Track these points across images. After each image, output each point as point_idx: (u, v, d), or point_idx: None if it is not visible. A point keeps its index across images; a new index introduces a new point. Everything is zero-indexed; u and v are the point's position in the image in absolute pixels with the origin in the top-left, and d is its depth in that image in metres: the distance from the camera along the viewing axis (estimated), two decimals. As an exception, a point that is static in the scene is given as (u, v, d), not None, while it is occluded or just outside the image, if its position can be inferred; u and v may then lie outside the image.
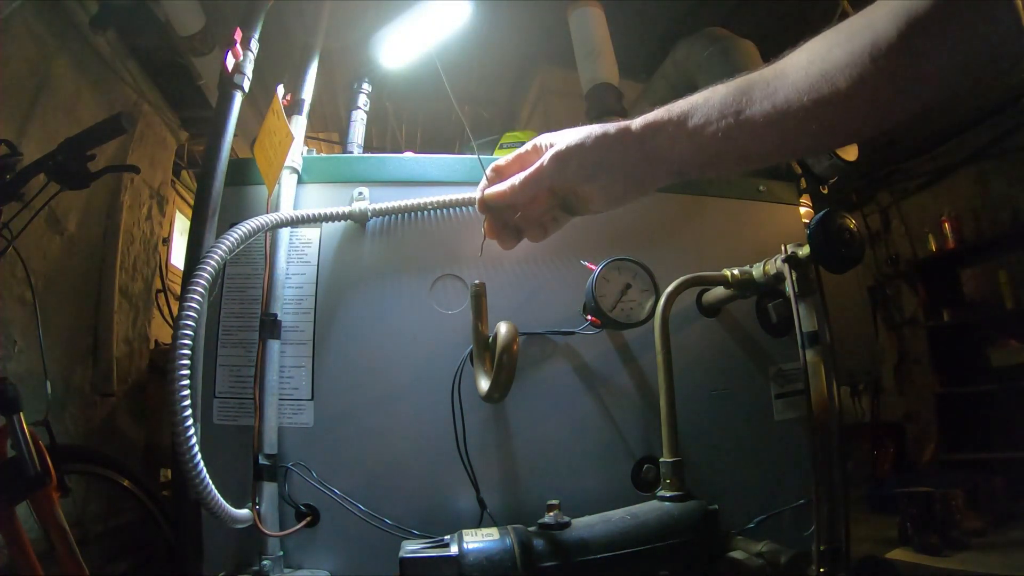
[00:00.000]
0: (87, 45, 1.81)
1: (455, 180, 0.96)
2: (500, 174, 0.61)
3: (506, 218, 0.62)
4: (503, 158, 0.62)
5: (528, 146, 0.60)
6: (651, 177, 0.55)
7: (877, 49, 0.41)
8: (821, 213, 0.68)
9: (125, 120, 1.00)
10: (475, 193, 0.63)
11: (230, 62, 0.92)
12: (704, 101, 0.50)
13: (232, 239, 0.69)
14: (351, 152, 1.22)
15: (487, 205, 0.61)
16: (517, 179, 0.58)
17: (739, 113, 0.47)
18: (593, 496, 0.85)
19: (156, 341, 2.33)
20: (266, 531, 0.77)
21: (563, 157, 0.55)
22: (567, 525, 0.68)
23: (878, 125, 0.45)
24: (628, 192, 0.57)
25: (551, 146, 0.57)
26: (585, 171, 0.55)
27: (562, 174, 0.56)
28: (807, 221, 0.92)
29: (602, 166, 0.54)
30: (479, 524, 0.81)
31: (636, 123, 0.53)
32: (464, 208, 0.93)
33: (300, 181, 0.95)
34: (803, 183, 1.17)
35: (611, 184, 0.56)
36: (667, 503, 0.76)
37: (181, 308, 0.63)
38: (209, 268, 0.65)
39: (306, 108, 1.04)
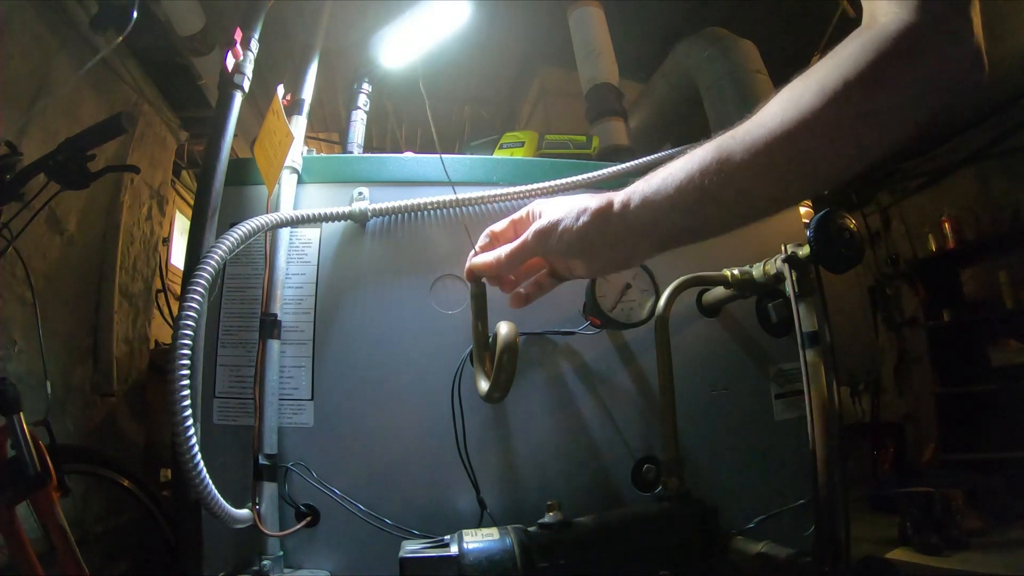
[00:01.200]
0: (87, 45, 1.81)
1: (455, 180, 0.96)
2: (495, 239, 0.63)
3: (494, 283, 0.64)
4: (499, 224, 0.63)
5: (522, 212, 0.61)
6: (635, 251, 0.55)
7: (848, 86, 0.43)
8: (821, 213, 0.68)
9: (125, 120, 1.00)
10: (467, 261, 0.64)
11: (230, 62, 0.92)
12: (682, 165, 0.49)
13: (232, 239, 0.69)
14: (351, 152, 1.22)
15: (474, 274, 0.63)
16: (503, 251, 0.60)
17: (719, 170, 0.47)
18: (593, 496, 0.85)
19: (156, 341, 2.33)
20: (266, 531, 0.77)
21: (545, 232, 0.56)
22: (567, 525, 0.68)
23: (857, 164, 0.46)
24: (612, 265, 0.58)
25: (540, 216, 0.58)
26: (566, 246, 0.56)
27: (544, 248, 0.57)
28: (807, 221, 0.92)
29: (584, 241, 0.55)
30: (479, 524, 0.81)
31: (618, 197, 0.53)
32: (464, 208, 0.93)
33: (300, 181, 0.95)
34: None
35: (593, 258, 0.56)
36: (667, 503, 0.76)
37: (181, 308, 0.63)
38: (209, 268, 0.65)
39: (306, 108, 1.04)
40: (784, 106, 0.45)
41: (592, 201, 0.54)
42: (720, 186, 0.47)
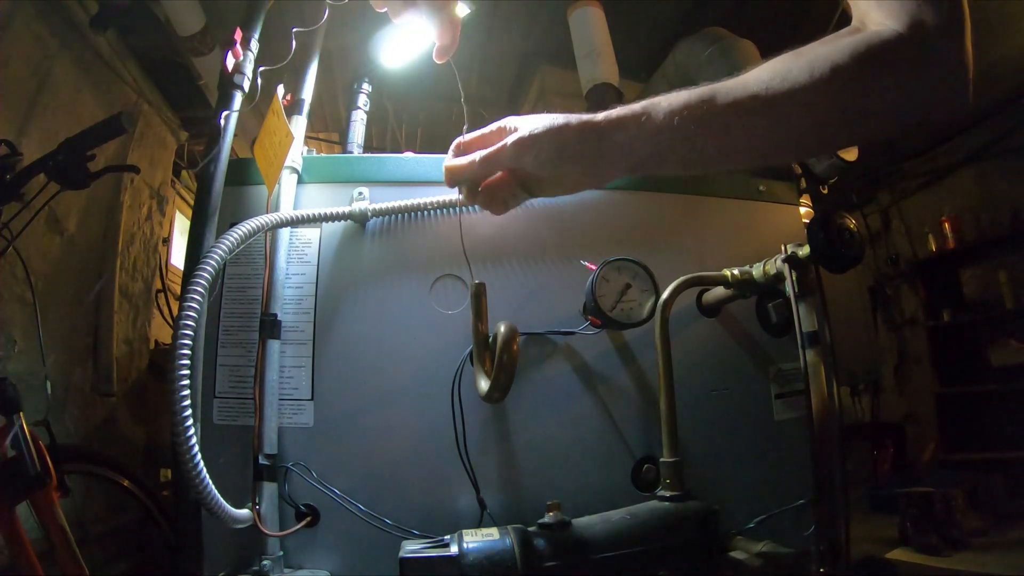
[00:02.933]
0: (87, 45, 1.81)
1: (455, 180, 0.96)
2: (463, 149, 0.64)
3: (470, 189, 0.65)
4: (468, 135, 0.65)
5: (493, 126, 0.63)
6: (608, 170, 0.57)
7: (836, 75, 0.45)
8: (821, 213, 0.68)
9: (125, 120, 1.00)
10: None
11: (230, 62, 0.92)
12: (668, 101, 0.52)
13: (232, 239, 0.69)
14: (351, 152, 1.22)
15: (448, 175, 0.64)
16: (478, 155, 0.61)
17: (701, 113, 0.50)
18: (593, 496, 0.85)
19: (156, 341, 2.33)
20: (266, 531, 0.77)
21: (524, 143, 0.57)
22: (567, 525, 0.68)
23: (823, 148, 0.52)
24: (584, 182, 0.60)
25: (515, 130, 0.59)
26: (543, 159, 0.57)
27: (520, 159, 0.58)
28: (807, 221, 0.92)
29: (561, 156, 0.56)
30: (479, 524, 0.81)
31: (599, 117, 0.55)
32: (464, 208, 0.93)
33: (300, 181, 0.95)
34: (803, 183, 1.17)
35: (568, 174, 0.58)
36: (667, 503, 0.76)
37: (181, 308, 0.63)
38: (209, 268, 0.65)
39: (306, 108, 1.04)
40: (772, 76, 0.48)
41: (572, 118, 0.56)
42: (696, 126, 0.50)
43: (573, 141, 0.55)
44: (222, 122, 0.87)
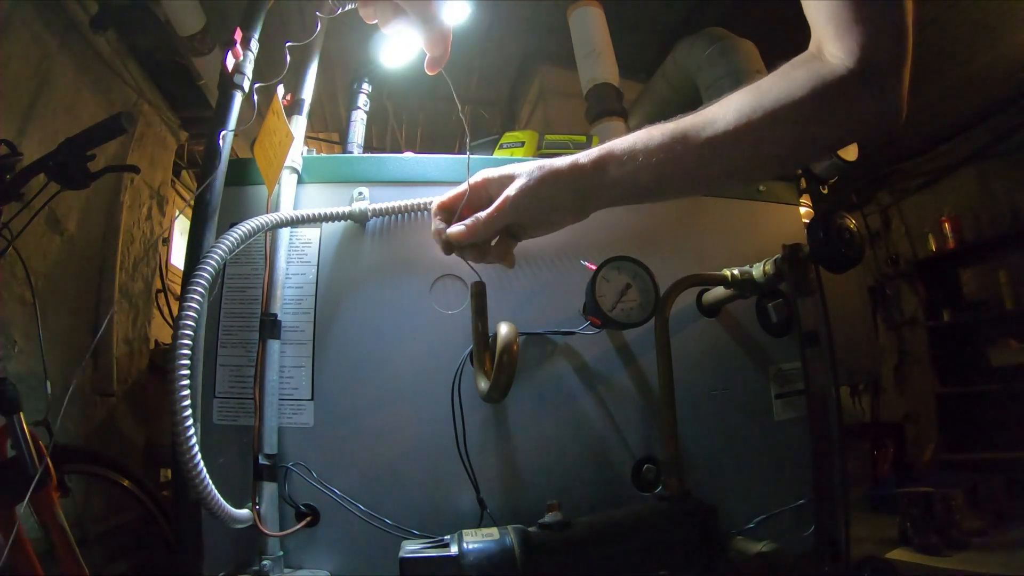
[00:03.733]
0: (87, 45, 1.81)
1: (455, 180, 0.96)
2: (448, 210, 0.66)
3: (479, 250, 0.66)
4: (446, 194, 0.66)
5: (473, 180, 0.65)
6: (594, 206, 0.61)
7: (796, 109, 0.50)
8: (821, 213, 0.68)
9: (125, 120, 1.00)
10: (431, 234, 0.66)
11: (230, 62, 0.92)
12: (645, 141, 0.57)
13: (232, 239, 0.69)
14: (351, 152, 1.22)
15: (451, 245, 0.64)
16: (480, 218, 0.62)
17: (675, 150, 0.55)
18: (593, 496, 0.85)
19: (156, 341, 2.33)
20: (266, 531, 0.77)
21: (523, 194, 0.60)
22: (567, 525, 0.68)
23: (782, 170, 0.58)
24: (569, 221, 0.63)
25: (503, 183, 0.62)
26: (540, 208, 0.61)
27: (518, 214, 0.61)
28: (807, 221, 0.92)
29: (555, 202, 0.60)
30: (479, 524, 0.81)
31: (584, 158, 0.59)
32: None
33: (300, 181, 0.95)
34: (803, 183, 1.17)
35: (559, 218, 0.62)
36: (667, 503, 0.76)
37: (181, 308, 0.63)
38: (209, 268, 0.65)
39: (306, 108, 1.04)
40: (739, 112, 0.53)
41: (558, 164, 0.60)
42: (673, 163, 0.55)
43: (567, 185, 0.59)
44: (220, 142, 0.86)
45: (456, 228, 0.63)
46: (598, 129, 1.68)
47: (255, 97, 0.92)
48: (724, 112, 0.54)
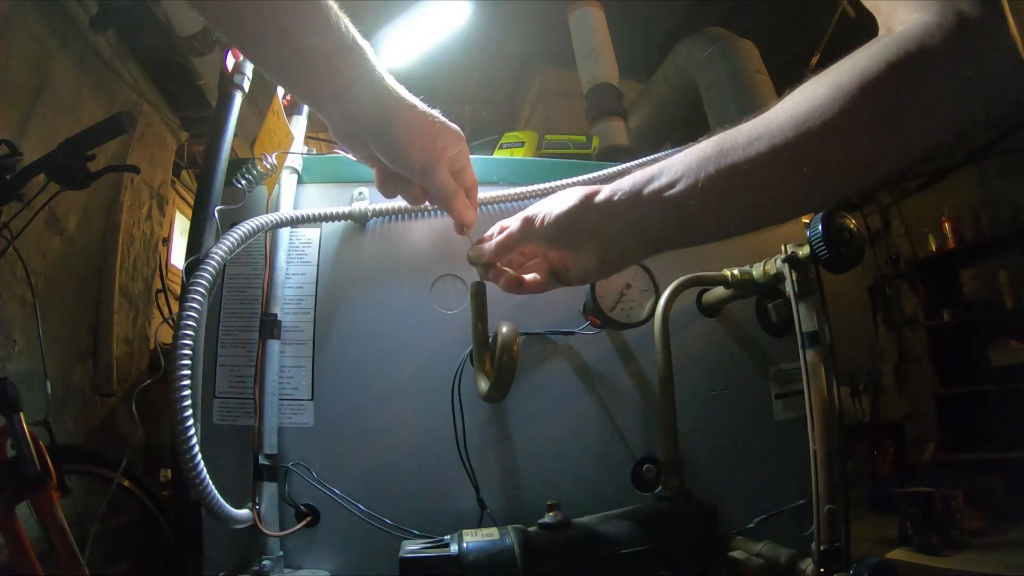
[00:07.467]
0: (87, 45, 1.81)
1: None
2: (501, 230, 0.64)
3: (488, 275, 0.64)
4: (509, 220, 0.63)
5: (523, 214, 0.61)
6: (622, 244, 0.52)
7: (866, 82, 0.40)
8: (821, 213, 0.68)
9: (125, 120, 1.00)
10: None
11: (230, 62, 0.92)
12: (679, 159, 0.47)
13: (232, 239, 0.69)
14: (351, 152, 1.22)
15: (470, 262, 0.64)
16: (494, 241, 0.61)
17: (719, 164, 0.44)
18: (593, 496, 0.85)
19: (156, 341, 2.33)
20: (266, 531, 0.76)
21: (529, 219, 0.57)
22: (567, 525, 0.68)
23: (871, 171, 0.43)
24: (601, 259, 0.54)
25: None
26: (547, 232, 0.55)
27: (527, 235, 0.57)
28: (807, 221, 0.91)
29: (561, 226, 0.53)
30: (479, 524, 0.81)
31: (609, 186, 0.52)
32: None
33: (300, 181, 0.95)
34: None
35: (578, 248, 0.54)
36: (667, 503, 0.76)
37: (181, 308, 0.63)
38: (209, 268, 0.65)
39: (306, 108, 1.04)
40: (795, 101, 0.42)
41: (580, 189, 0.54)
42: (717, 181, 0.44)
43: (573, 212, 0.53)
44: (220, 142, 0.86)
45: (475, 247, 0.63)
46: (598, 129, 1.68)
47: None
48: (772, 111, 0.44)
